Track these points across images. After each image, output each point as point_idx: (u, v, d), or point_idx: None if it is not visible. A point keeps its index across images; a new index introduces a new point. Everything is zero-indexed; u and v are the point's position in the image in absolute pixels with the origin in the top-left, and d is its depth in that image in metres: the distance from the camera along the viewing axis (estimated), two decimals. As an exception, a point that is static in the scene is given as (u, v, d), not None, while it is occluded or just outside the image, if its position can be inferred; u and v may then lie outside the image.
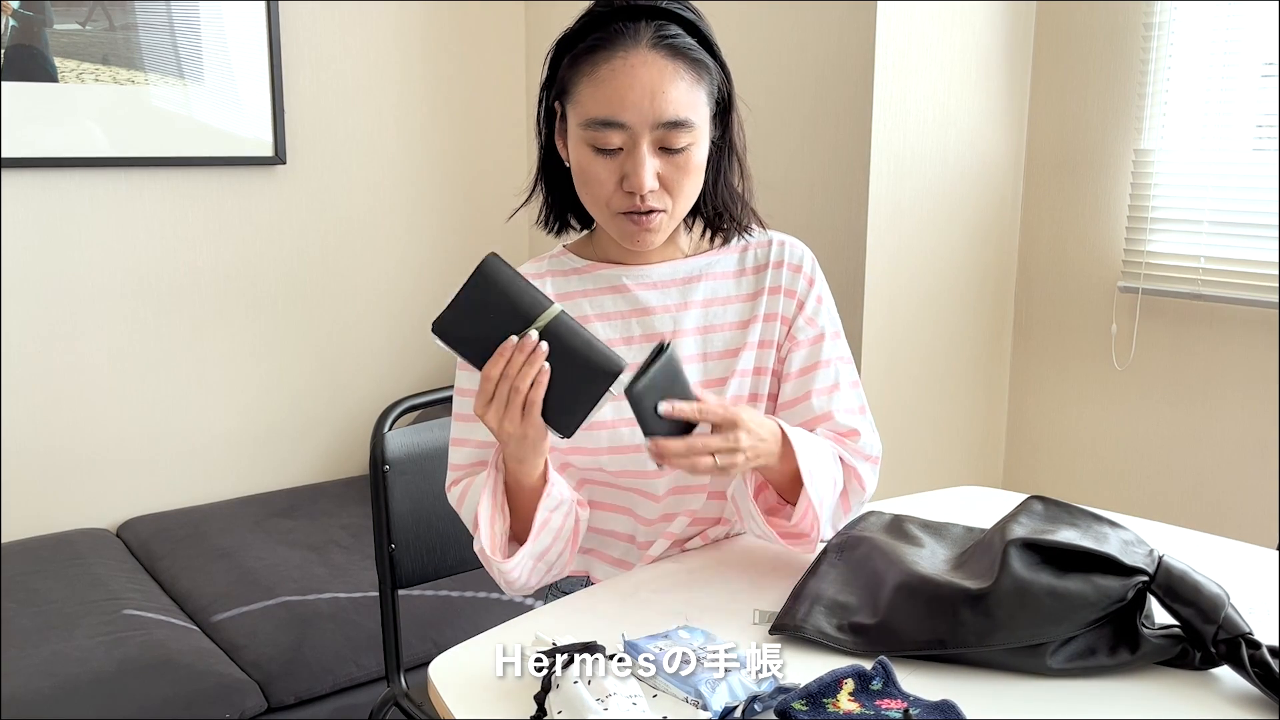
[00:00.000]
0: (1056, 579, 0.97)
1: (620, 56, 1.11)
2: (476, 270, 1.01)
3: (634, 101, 1.11)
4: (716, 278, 1.27)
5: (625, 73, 1.11)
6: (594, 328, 1.23)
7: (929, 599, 1.03)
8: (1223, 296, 2.19)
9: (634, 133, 1.12)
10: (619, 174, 1.14)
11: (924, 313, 2.41)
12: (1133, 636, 0.98)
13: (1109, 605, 0.96)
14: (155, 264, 2.58)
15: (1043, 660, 0.97)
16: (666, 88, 1.11)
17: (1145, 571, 0.97)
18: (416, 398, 1.59)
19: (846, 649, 1.02)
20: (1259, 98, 2.14)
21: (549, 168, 1.26)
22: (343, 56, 2.77)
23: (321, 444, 2.89)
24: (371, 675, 1.97)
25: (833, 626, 1.04)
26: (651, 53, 1.11)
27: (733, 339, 1.26)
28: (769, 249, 1.29)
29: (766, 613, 1.10)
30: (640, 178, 1.12)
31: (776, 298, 1.27)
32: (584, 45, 1.13)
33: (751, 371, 1.26)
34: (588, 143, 1.14)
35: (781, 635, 1.04)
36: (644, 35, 1.12)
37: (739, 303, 1.27)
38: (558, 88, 1.18)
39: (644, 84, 1.11)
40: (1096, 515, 1.09)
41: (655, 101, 1.11)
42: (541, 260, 1.29)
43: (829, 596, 1.09)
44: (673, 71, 1.12)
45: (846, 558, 1.17)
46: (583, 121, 1.13)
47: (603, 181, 1.15)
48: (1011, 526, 1.05)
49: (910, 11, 2.22)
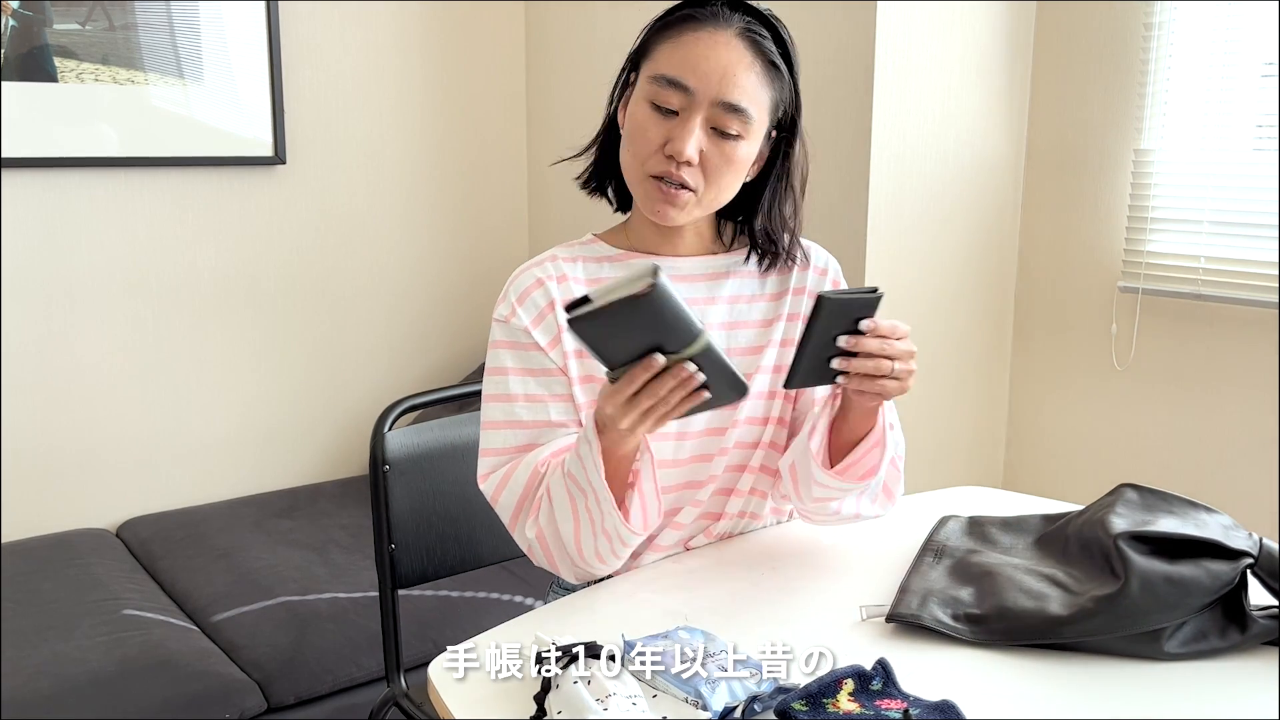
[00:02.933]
0: (1170, 566, 1.00)
1: (708, 31, 1.16)
2: (644, 292, 0.92)
3: (705, 71, 1.15)
4: (743, 275, 1.30)
5: (706, 44, 1.16)
6: None
7: (1043, 591, 1.06)
8: (1223, 296, 2.19)
9: (694, 100, 1.15)
10: (666, 137, 1.17)
11: (924, 313, 2.41)
12: (1241, 618, 1.01)
13: (1220, 588, 1.00)
14: (155, 264, 2.58)
15: (1159, 646, 1.00)
16: (739, 72, 1.15)
17: (1250, 554, 1.01)
18: (416, 398, 1.59)
19: (965, 638, 1.04)
20: (1259, 98, 2.14)
21: (608, 135, 1.28)
22: (343, 56, 2.77)
23: (321, 444, 2.89)
24: (371, 675, 1.97)
25: (949, 616, 1.06)
26: (736, 39, 1.16)
27: (756, 336, 1.29)
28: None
29: (874, 607, 1.11)
30: (684, 143, 1.15)
31: (800, 298, 1.31)
32: (678, 15, 1.18)
33: (772, 369, 1.28)
34: (648, 98, 1.17)
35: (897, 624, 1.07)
36: (734, 23, 1.17)
37: (764, 301, 1.30)
38: (637, 52, 1.22)
39: (720, 60, 1.15)
40: (1191, 502, 1.13)
41: (724, 80, 1.15)
42: (572, 245, 1.29)
43: (940, 590, 1.12)
44: (749, 62, 1.16)
45: (944, 558, 1.20)
46: (651, 76, 1.17)
47: (649, 139, 1.17)
48: (1112, 519, 1.08)
49: (910, 11, 2.22)
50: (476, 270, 3.08)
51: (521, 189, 3.14)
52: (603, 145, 1.29)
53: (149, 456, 2.64)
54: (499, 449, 1.22)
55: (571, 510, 1.13)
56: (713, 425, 1.26)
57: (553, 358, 1.22)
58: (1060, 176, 2.46)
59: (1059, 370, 2.53)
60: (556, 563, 1.19)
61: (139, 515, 2.62)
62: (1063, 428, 2.53)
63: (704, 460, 1.26)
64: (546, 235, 3.10)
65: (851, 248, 2.26)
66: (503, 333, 1.24)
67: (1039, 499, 1.46)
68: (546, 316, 1.23)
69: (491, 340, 1.25)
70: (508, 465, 1.20)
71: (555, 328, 1.22)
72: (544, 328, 1.23)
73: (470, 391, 1.86)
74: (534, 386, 1.21)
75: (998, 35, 2.39)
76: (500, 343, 1.24)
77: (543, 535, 1.18)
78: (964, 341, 2.51)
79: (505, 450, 1.21)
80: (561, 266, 1.25)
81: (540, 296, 1.23)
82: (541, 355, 1.22)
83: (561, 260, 1.26)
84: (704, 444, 1.26)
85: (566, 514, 1.14)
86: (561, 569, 1.20)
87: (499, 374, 1.23)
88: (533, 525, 1.18)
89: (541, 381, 1.22)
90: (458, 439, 1.59)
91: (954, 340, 2.49)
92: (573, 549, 1.16)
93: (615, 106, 1.26)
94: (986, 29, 2.37)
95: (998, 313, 2.57)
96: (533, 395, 1.21)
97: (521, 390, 1.21)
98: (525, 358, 1.22)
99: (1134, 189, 2.32)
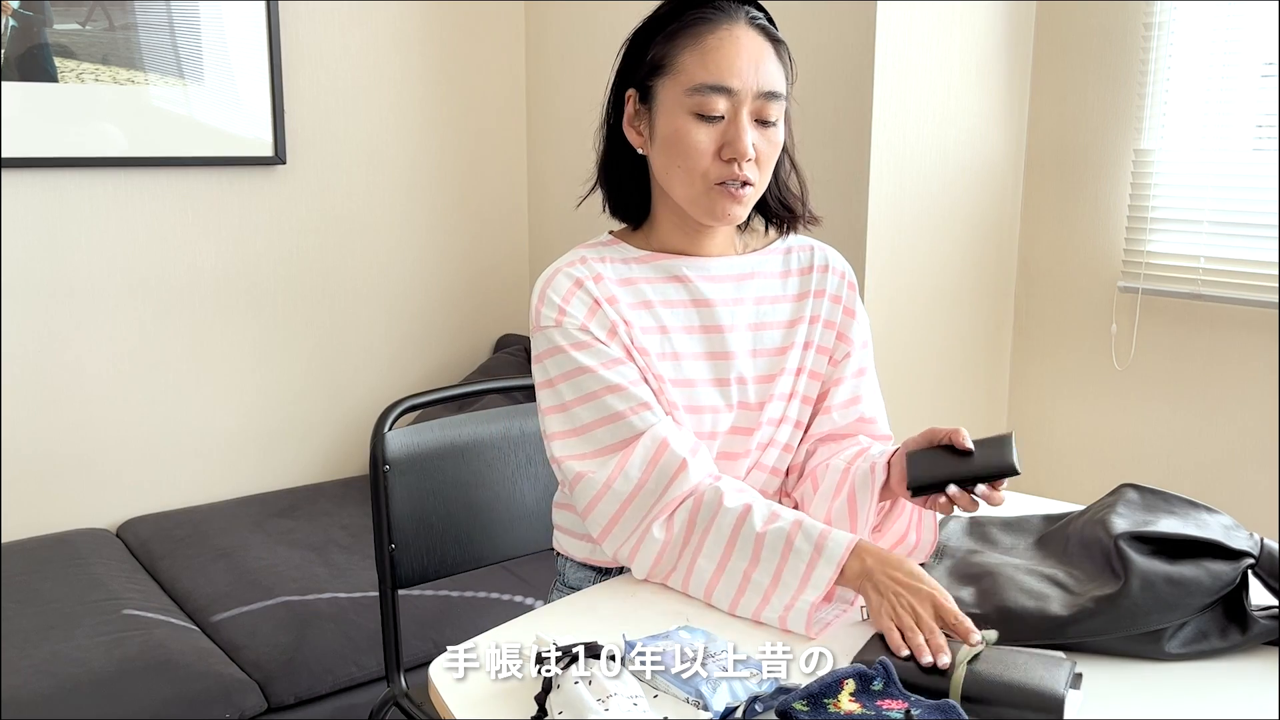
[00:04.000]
0: (1171, 566, 1.01)
1: (725, 28, 1.18)
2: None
3: (741, 69, 1.16)
4: (766, 277, 1.31)
5: (731, 42, 1.17)
6: (660, 314, 1.25)
7: (1043, 591, 1.06)
8: (1223, 296, 2.19)
9: (738, 99, 1.17)
10: (719, 142, 1.18)
11: (924, 312, 2.41)
12: (1241, 618, 1.01)
13: (1221, 588, 1.00)
14: (155, 264, 2.58)
15: (1160, 646, 1.00)
16: (766, 60, 1.18)
17: (1250, 554, 1.01)
18: (416, 398, 1.59)
19: None
20: (1259, 98, 2.14)
21: (612, 159, 1.28)
22: (343, 56, 2.77)
23: (321, 444, 2.89)
24: (371, 675, 1.97)
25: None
26: (749, 29, 1.19)
27: (782, 337, 1.30)
28: (811, 253, 1.34)
29: None
30: (744, 143, 1.17)
31: (821, 301, 1.32)
32: (681, 23, 1.19)
33: (795, 371, 1.29)
34: (691, 110, 1.17)
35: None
36: (740, 14, 1.19)
37: (787, 302, 1.31)
38: (646, 68, 1.21)
39: (750, 54, 1.17)
40: (1191, 502, 1.13)
41: (759, 71, 1.18)
42: (594, 246, 1.29)
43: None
44: (768, 48, 1.19)
45: (945, 559, 1.20)
46: (689, 88, 1.17)
47: (703, 150, 1.18)
48: (1113, 519, 1.08)
49: (910, 11, 2.22)
50: (476, 270, 3.08)
51: (521, 189, 3.14)
52: (609, 172, 1.28)
53: (149, 456, 2.64)
54: (605, 447, 1.19)
55: (722, 561, 1.13)
56: (739, 426, 1.27)
57: (614, 349, 1.21)
58: (1060, 176, 2.46)
59: (1059, 370, 2.52)
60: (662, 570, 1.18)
61: (139, 515, 2.62)
62: (1063, 428, 2.53)
63: (730, 459, 1.27)
64: (546, 235, 3.10)
65: (851, 248, 2.26)
66: (560, 337, 1.21)
67: (1039, 499, 1.46)
68: (597, 312, 1.21)
69: (544, 349, 1.22)
70: (621, 455, 1.18)
71: (609, 322, 1.21)
72: (598, 321, 1.21)
73: (470, 391, 1.87)
74: (614, 377, 1.19)
75: (998, 35, 2.39)
76: (559, 348, 1.21)
77: (669, 543, 1.16)
78: (964, 342, 2.51)
79: (612, 447, 1.19)
80: (594, 267, 1.24)
81: (584, 296, 1.22)
82: (605, 348, 1.21)
83: (592, 261, 1.25)
84: (731, 442, 1.27)
85: (713, 562, 1.13)
86: (664, 575, 1.18)
87: (569, 378, 1.20)
88: (663, 528, 1.17)
89: (617, 371, 1.20)
90: (458, 439, 1.59)
91: (954, 340, 2.49)
92: (697, 587, 1.14)
93: (613, 124, 1.26)
94: (986, 29, 2.37)
95: (998, 313, 2.57)
96: (614, 385, 1.19)
97: (602, 384, 1.19)
98: (594, 353, 1.20)
99: (1134, 189, 2.32)
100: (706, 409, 1.25)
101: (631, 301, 1.24)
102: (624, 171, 1.27)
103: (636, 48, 1.23)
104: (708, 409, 1.25)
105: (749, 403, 1.27)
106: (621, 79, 1.25)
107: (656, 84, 1.20)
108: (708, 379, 1.25)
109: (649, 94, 1.21)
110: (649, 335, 1.24)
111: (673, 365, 1.24)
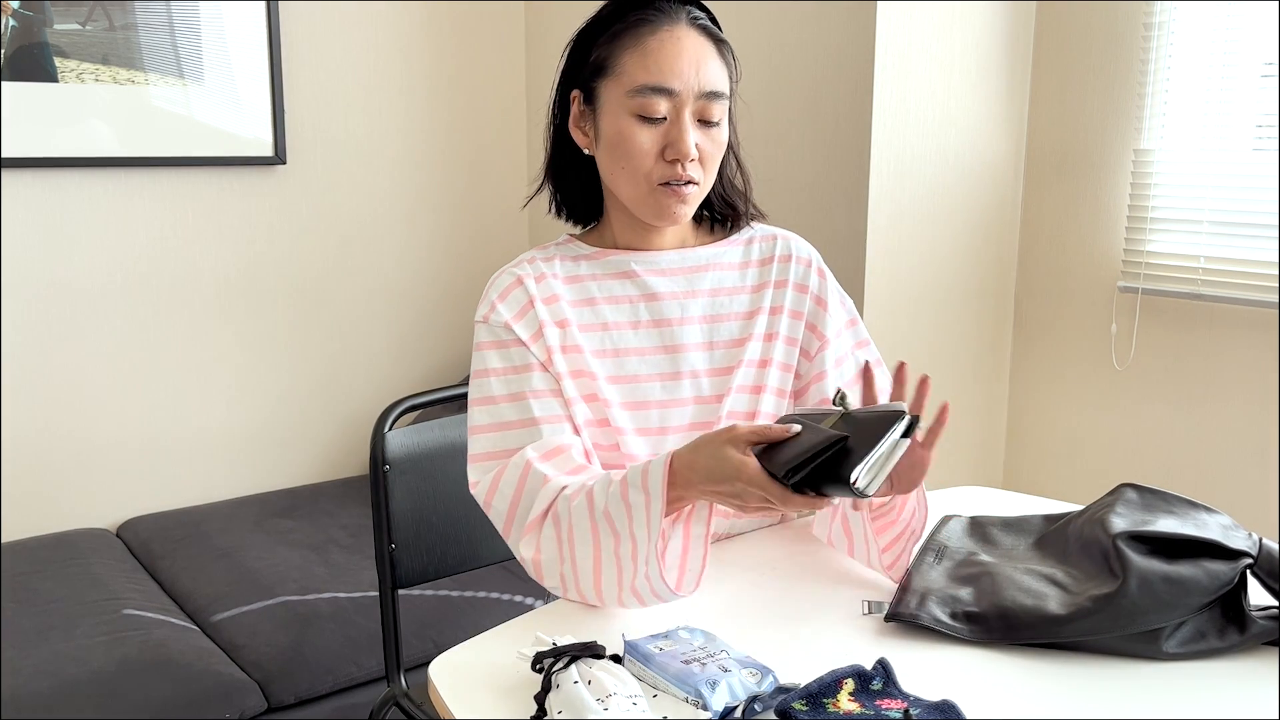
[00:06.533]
0: (1169, 566, 1.01)
1: (666, 29, 1.18)
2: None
3: (681, 70, 1.17)
4: (723, 268, 1.30)
5: (672, 43, 1.17)
6: (602, 310, 1.25)
7: (1041, 590, 1.06)
8: (1223, 296, 2.19)
9: (680, 100, 1.17)
10: (661, 143, 1.18)
11: (924, 313, 2.41)
12: (1240, 618, 1.01)
13: (1219, 588, 1.00)
14: (155, 264, 2.58)
15: (1158, 646, 1.00)
16: (708, 60, 1.18)
17: (1249, 554, 1.01)
18: (416, 398, 1.59)
19: (963, 636, 1.04)
20: (1259, 98, 2.14)
21: (559, 159, 1.29)
22: (343, 56, 2.77)
23: (321, 444, 2.89)
24: (371, 675, 1.97)
25: (947, 615, 1.07)
26: (690, 29, 1.19)
27: (738, 329, 1.29)
28: (774, 243, 1.33)
29: (876, 603, 1.12)
30: (686, 143, 1.17)
31: (784, 291, 1.31)
32: (624, 24, 1.19)
33: (757, 363, 1.28)
34: (633, 112, 1.18)
35: (897, 624, 1.07)
36: (682, 15, 1.19)
37: (745, 294, 1.30)
38: (590, 69, 1.21)
39: (690, 54, 1.17)
40: (1190, 502, 1.13)
41: (700, 71, 1.17)
42: (548, 247, 1.30)
43: (939, 589, 1.12)
44: (710, 49, 1.19)
45: (944, 559, 1.20)
46: (630, 90, 1.17)
47: (646, 151, 1.18)
48: (1111, 519, 1.09)
49: (910, 11, 2.22)
50: (476, 270, 3.08)
51: (521, 189, 3.14)
52: (557, 172, 1.29)
53: (149, 456, 2.64)
54: (487, 453, 1.19)
55: (594, 549, 1.08)
56: (697, 421, 1.25)
57: (535, 352, 1.21)
58: (1060, 176, 2.46)
59: (1059, 370, 2.53)
60: (561, 585, 1.13)
61: (139, 515, 2.62)
62: (1063, 428, 2.53)
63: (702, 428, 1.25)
64: (547, 235, 3.10)
65: (851, 248, 2.26)
66: (484, 333, 1.23)
67: (1039, 499, 1.46)
68: (528, 312, 1.22)
69: (475, 344, 1.24)
70: (496, 469, 1.17)
71: (537, 323, 1.21)
72: (525, 322, 1.22)
73: (470, 391, 1.87)
74: (517, 385, 1.20)
75: (998, 35, 2.39)
76: (482, 344, 1.23)
77: (542, 562, 1.12)
78: (964, 341, 2.51)
79: (494, 454, 1.18)
80: (539, 266, 1.26)
81: (520, 294, 1.23)
82: (523, 350, 1.21)
83: (539, 261, 1.26)
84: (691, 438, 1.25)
85: (587, 552, 1.08)
86: (565, 591, 1.13)
87: (481, 376, 1.22)
88: (530, 545, 1.13)
89: (524, 378, 1.20)
90: (458, 439, 1.59)
91: (954, 340, 2.49)
92: (589, 587, 1.10)
93: (559, 125, 1.26)
94: (986, 29, 2.37)
95: (998, 313, 2.57)
96: (516, 394, 1.19)
97: (504, 391, 1.20)
98: (507, 355, 1.21)
99: (1134, 189, 2.32)
100: (653, 404, 1.24)
101: (574, 299, 1.25)
102: (572, 172, 1.28)
103: (580, 48, 1.23)
104: (654, 404, 1.24)
105: (704, 396, 1.26)
106: (566, 79, 1.25)
107: (599, 85, 1.20)
108: (655, 374, 1.25)
109: (593, 95, 1.21)
110: (588, 333, 1.23)
111: (613, 362, 1.24)
